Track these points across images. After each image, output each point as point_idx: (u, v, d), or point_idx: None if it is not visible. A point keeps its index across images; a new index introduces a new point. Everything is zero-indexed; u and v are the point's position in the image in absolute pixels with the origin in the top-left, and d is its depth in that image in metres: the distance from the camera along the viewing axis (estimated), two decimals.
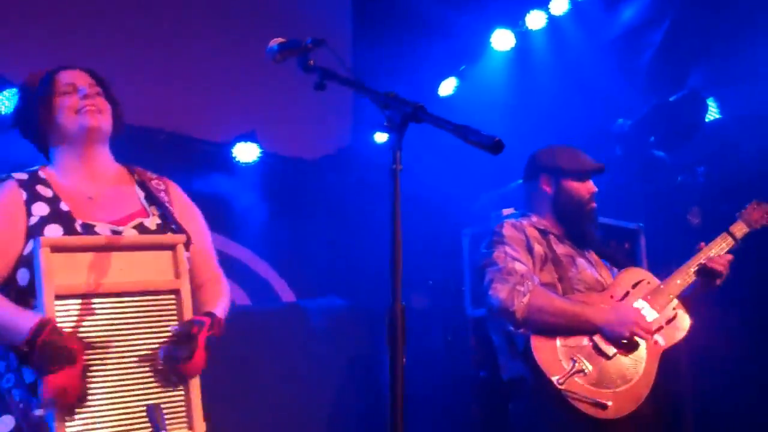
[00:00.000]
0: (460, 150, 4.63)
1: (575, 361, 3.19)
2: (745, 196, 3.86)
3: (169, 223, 2.56)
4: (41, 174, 2.54)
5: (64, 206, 2.46)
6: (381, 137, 5.99)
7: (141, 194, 2.62)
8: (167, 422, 2.34)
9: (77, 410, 2.26)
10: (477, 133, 1.97)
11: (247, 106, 5.75)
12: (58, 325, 2.27)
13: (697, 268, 3.52)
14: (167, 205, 2.61)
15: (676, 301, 3.48)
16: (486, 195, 5.41)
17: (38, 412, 2.23)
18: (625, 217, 4.96)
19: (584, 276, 3.45)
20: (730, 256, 3.55)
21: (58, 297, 2.30)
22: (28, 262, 2.36)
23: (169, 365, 2.37)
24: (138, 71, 5.37)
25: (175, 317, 2.44)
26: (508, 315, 3.23)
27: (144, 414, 2.31)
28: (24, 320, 2.26)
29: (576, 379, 3.16)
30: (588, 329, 3.25)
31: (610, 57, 5.52)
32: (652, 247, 4.89)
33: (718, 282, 3.53)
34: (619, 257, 3.76)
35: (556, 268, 3.41)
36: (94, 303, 2.34)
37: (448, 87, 5.92)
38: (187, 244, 2.53)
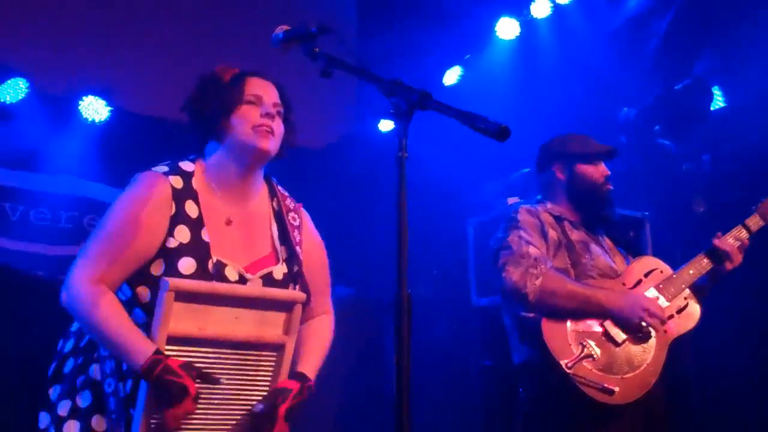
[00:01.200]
0: (465, 139, 4.64)
1: (584, 346, 3.20)
2: (750, 185, 3.85)
3: (294, 273, 2.53)
4: (194, 183, 2.46)
5: (205, 236, 2.41)
6: (386, 126, 5.99)
7: (275, 231, 2.57)
8: None
9: None
10: (483, 119, 1.97)
11: None
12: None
13: (708, 250, 3.53)
14: (297, 248, 2.57)
15: (687, 291, 3.49)
16: (491, 184, 5.41)
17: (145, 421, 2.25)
18: (630, 206, 4.95)
19: (598, 262, 3.46)
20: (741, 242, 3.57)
21: (170, 340, 2.29)
22: (151, 280, 2.34)
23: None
24: (143, 59, 5.38)
25: (271, 372, 2.42)
26: (520, 297, 3.25)
27: None
28: (139, 352, 2.25)
29: (584, 363, 3.17)
30: (599, 314, 3.27)
31: (615, 45, 5.51)
32: (657, 235, 4.88)
33: (729, 267, 3.53)
34: (634, 245, 3.75)
35: (570, 254, 3.43)
36: (204, 349, 2.32)
37: (452, 76, 5.91)
38: (305, 304, 2.49)
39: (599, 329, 3.26)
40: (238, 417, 2.38)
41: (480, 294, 4.96)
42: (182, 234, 2.38)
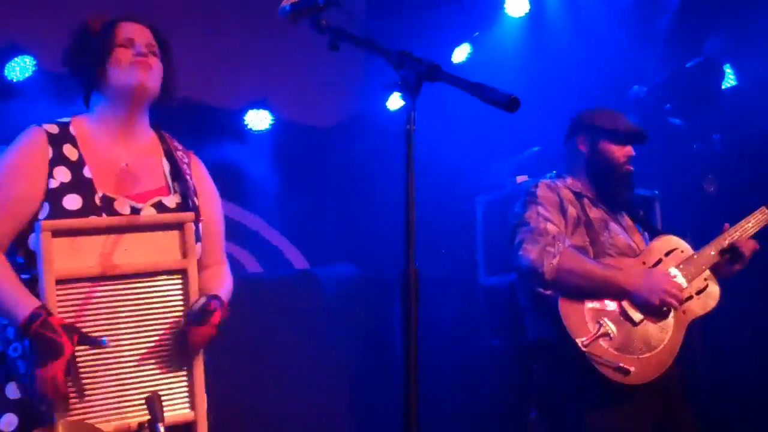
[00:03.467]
0: (475, 118, 4.61)
1: (601, 325, 3.18)
2: (760, 164, 3.82)
3: (188, 202, 2.53)
4: (72, 129, 2.49)
5: (87, 173, 2.42)
6: (394, 104, 5.95)
7: (166, 167, 2.58)
8: (171, 402, 2.35)
9: (75, 398, 2.25)
10: (493, 90, 1.95)
11: (259, 73, 5.72)
12: (59, 310, 2.25)
13: (727, 245, 3.49)
14: (189, 179, 2.57)
15: (707, 272, 3.46)
16: (500, 163, 5.39)
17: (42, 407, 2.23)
18: (640, 185, 4.91)
19: (616, 241, 3.44)
20: (755, 245, 3.53)
21: (59, 282, 2.27)
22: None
23: (180, 327, 2.36)
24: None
25: (181, 298, 2.41)
26: (537, 275, 3.23)
27: (142, 399, 2.29)
28: (21, 307, 2.24)
29: (601, 342, 3.16)
30: (617, 294, 3.24)
31: (626, 23, 5.46)
32: (667, 214, 4.85)
33: (737, 267, 3.51)
34: (653, 224, 3.73)
35: (588, 232, 3.40)
36: (97, 287, 2.31)
37: (461, 54, 5.86)
38: (197, 221, 2.49)
39: (617, 308, 3.24)
40: (157, 344, 2.36)
41: (488, 273, 4.95)
42: (62, 174, 2.39)
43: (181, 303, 2.40)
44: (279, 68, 5.73)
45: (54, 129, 2.47)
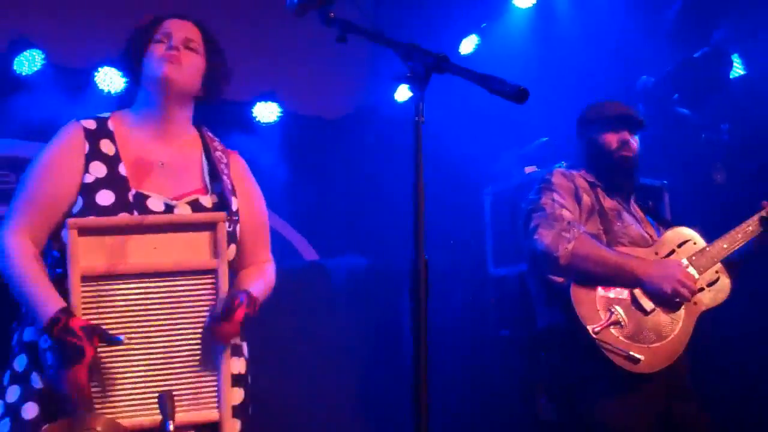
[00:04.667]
0: (483, 109, 4.61)
1: (612, 313, 3.18)
2: None
3: (225, 202, 2.51)
4: (110, 125, 2.50)
5: (122, 170, 2.43)
6: (401, 96, 5.95)
7: (205, 167, 2.57)
8: (197, 401, 2.35)
9: (101, 393, 2.26)
10: (502, 82, 1.95)
11: (267, 65, 5.73)
12: (84, 308, 2.26)
13: (759, 218, 3.49)
14: (226, 181, 2.55)
15: (719, 265, 3.45)
16: (508, 154, 5.38)
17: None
18: (649, 175, 4.91)
19: (629, 230, 3.45)
20: None
21: (86, 279, 2.27)
22: None
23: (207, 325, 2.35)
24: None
25: (211, 298, 2.39)
26: (551, 260, 3.23)
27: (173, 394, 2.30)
28: (44, 307, 2.26)
29: (611, 330, 3.16)
30: (630, 282, 3.24)
31: (634, 13, 5.44)
32: (675, 204, 4.85)
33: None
34: (663, 215, 3.73)
35: (602, 220, 3.41)
36: (123, 284, 2.31)
37: (469, 45, 5.86)
38: (233, 221, 2.48)
39: (628, 297, 3.24)
40: (184, 343, 2.36)
41: (497, 264, 4.95)
42: (98, 169, 2.40)
43: (211, 303, 2.39)
44: (287, 61, 5.74)
45: (92, 124, 2.48)
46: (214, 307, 2.37)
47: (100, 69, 5.31)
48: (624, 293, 3.24)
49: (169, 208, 2.43)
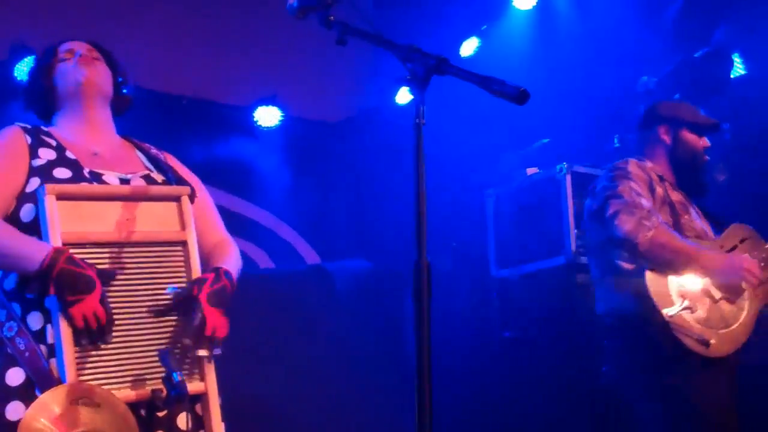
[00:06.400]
0: (484, 111, 4.61)
1: (684, 299, 3.32)
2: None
3: (174, 181, 2.58)
4: (43, 128, 2.59)
5: (70, 155, 2.50)
6: (403, 98, 5.96)
7: (144, 159, 2.67)
8: (182, 372, 2.32)
9: (81, 362, 2.24)
10: (501, 83, 1.95)
11: (268, 69, 5.74)
12: None
13: None
14: (170, 168, 2.64)
15: None
16: (510, 155, 5.38)
17: (67, 333, 2.23)
18: None
19: (694, 224, 3.59)
20: None
21: (64, 245, 2.28)
22: (32, 197, 2.36)
23: (194, 348, 2.36)
24: (159, 37, 5.37)
25: (183, 269, 2.44)
26: (631, 246, 3.34)
27: (152, 365, 2.31)
28: (37, 250, 2.25)
29: (684, 314, 3.29)
30: (701, 271, 3.38)
31: (635, 13, 5.44)
32: None
33: None
34: (719, 215, 3.81)
35: (671, 212, 3.54)
36: (99, 252, 2.33)
37: (469, 47, 5.86)
38: (192, 197, 2.53)
39: (699, 285, 3.38)
40: (161, 314, 2.38)
41: (499, 266, 4.95)
42: (47, 153, 2.48)
43: (183, 274, 2.44)
44: (287, 64, 5.74)
45: (27, 125, 2.57)
46: (187, 280, 2.41)
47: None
48: (694, 281, 3.38)
49: (124, 182, 2.50)
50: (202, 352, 2.37)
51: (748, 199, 3.74)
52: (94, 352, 2.27)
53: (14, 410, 2.27)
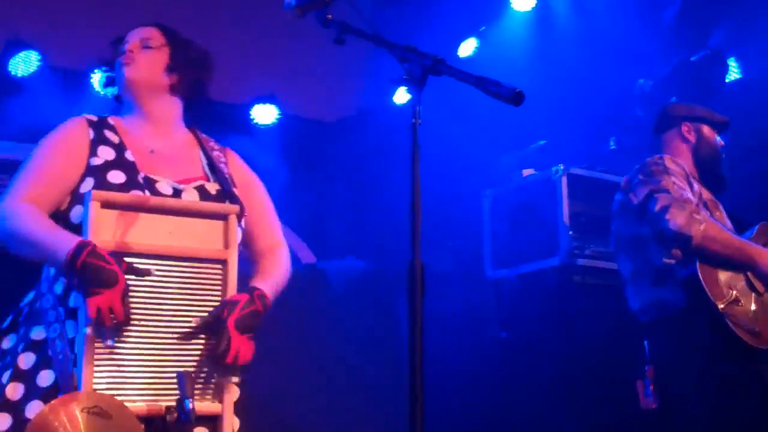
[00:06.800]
0: (481, 111, 4.61)
1: (732, 291, 3.37)
2: (765, 157, 3.87)
3: (227, 190, 2.56)
4: (110, 120, 2.59)
5: (129, 156, 2.49)
6: (400, 98, 5.96)
7: (204, 160, 2.65)
8: (198, 392, 2.33)
9: (104, 371, 2.24)
10: (497, 84, 1.96)
11: (266, 67, 5.74)
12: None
13: None
14: (226, 175, 2.62)
15: None
16: (507, 156, 5.39)
17: (86, 331, 2.22)
18: None
19: (726, 222, 3.62)
20: None
21: None
22: (83, 199, 2.36)
23: (218, 369, 2.36)
24: None
25: (219, 288, 2.41)
26: (683, 240, 3.33)
27: (172, 381, 2.28)
28: (64, 241, 2.26)
29: (735, 306, 3.35)
30: (746, 266, 3.41)
31: (632, 16, 5.45)
32: None
33: None
34: (738, 215, 3.86)
35: (705, 208, 3.56)
36: (138, 263, 2.31)
37: (468, 48, 5.87)
38: (240, 216, 2.51)
39: (743, 278, 3.44)
40: (190, 330, 2.35)
41: (495, 266, 4.96)
42: (106, 153, 2.47)
43: (219, 293, 2.41)
44: (285, 63, 5.74)
45: (93, 117, 2.57)
46: (222, 298, 2.39)
47: (97, 71, 5.29)
48: (739, 275, 3.44)
49: (176, 192, 2.48)
50: (225, 379, 2.37)
51: (744, 202, 3.75)
52: (114, 362, 2.26)
53: (34, 409, 2.28)
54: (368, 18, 2.23)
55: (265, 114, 5.61)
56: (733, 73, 5.41)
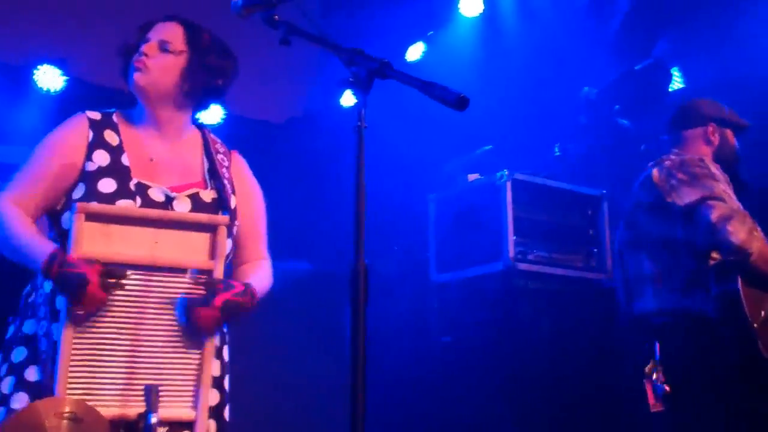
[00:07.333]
0: (428, 115, 4.63)
1: (762, 311, 3.27)
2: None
3: (224, 199, 2.55)
4: (114, 118, 2.57)
5: (125, 160, 2.48)
6: (347, 101, 5.96)
7: (206, 165, 2.62)
8: (175, 399, 2.35)
9: (83, 378, 2.26)
10: (443, 88, 1.97)
11: None
12: None
13: None
14: (226, 182, 2.60)
15: None
16: (453, 161, 5.42)
17: (63, 335, 2.24)
18: (589, 184, 5.01)
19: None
20: None
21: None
22: (72, 207, 2.36)
23: (181, 309, 2.36)
24: (99, 29, 5.29)
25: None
26: (743, 255, 3.25)
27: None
28: (41, 248, 2.30)
29: (765, 326, 3.26)
30: None
31: (578, 24, 5.52)
32: (614, 213, 4.93)
33: None
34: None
35: None
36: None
37: (415, 52, 5.89)
38: (230, 227, 2.51)
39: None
40: (173, 341, 2.37)
41: (439, 270, 4.98)
42: (101, 158, 2.47)
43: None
44: (237, 61, 5.68)
45: (96, 116, 2.55)
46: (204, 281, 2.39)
47: (39, 67, 5.21)
48: (766, 295, 3.33)
49: (169, 199, 2.48)
50: (200, 388, 2.38)
51: None
52: (90, 366, 2.28)
53: (19, 400, 2.34)
54: (316, 20, 2.22)
55: (210, 114, 5.56)
56: (677, 82, 5.50)
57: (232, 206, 2.59)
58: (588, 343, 4.65)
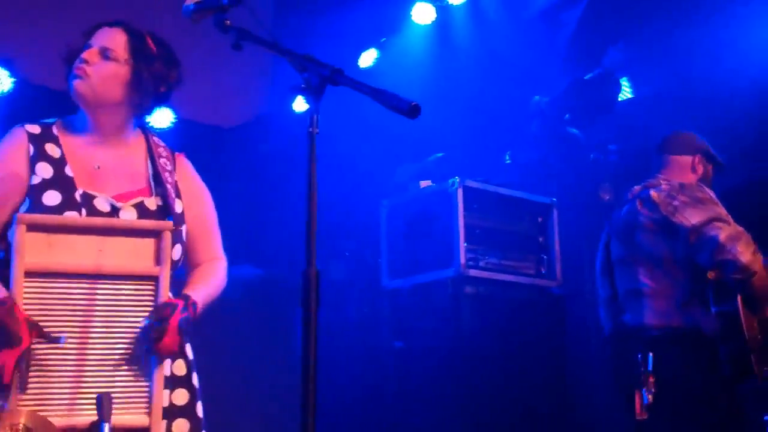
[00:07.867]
0: (380, 121, 4.66)
1: (755, 330, 3.45)
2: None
3: (168, 206, 2.53)
4: (54, 130, 2.52)
5: (68, 171, 2.45)
6: (299, 106, 5.95)
7: (150, 170, 2.59)
8: (128, 405, 2.33)
9: (33, 389, 2.24)
10: (394, 96, 1.98)
11: None
12: (25, 303, 2.25)
13: None
14: (169, 187, 2.57)
15: None
16: (404, 167, 5.43)
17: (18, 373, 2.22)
18: (539, 192, 5.05)
19: None
20: None
21: (29, 275, 2.28)
22: None
23: (143, 342, 2.34)
24: (49, 30, 5.22)
25: (150, 304, 2.40)
26: (746, 275, 3.42)
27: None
28: None
29: (756, 339, 3.45)
30: (763, 304, 3.51)
31: (529, 34, 5.58)
32: (564, 221, 4.99)
33: None
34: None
35: None
36: (66, 282, 2.31)
37: (368, 58, 5.90)
38: (178, 233, 2.50)
39: (762, 314, 3.51)
40: (120, 347, 2.36)
41: (391, 276, 4.99)
42: (44, 170, 2.44)
43: (149, 309, 2.40)
44: (182, 65, 5.64)
45: (36, 129, 2.50)
46: (150, 315, 2.38)
47: None
48: (759, 313, 3.52)
49: (114, 209, 2.46)
50: (153, 394, 2.37)
51: None
52: (39, 377, 2.26)
53: None
54: (268, 25, 2.22)
55: (159, 117, 5.51)
56: (626, 92, 5.58)
57: (178, 211, 2.57)
58: (538, 349, 4.70)
